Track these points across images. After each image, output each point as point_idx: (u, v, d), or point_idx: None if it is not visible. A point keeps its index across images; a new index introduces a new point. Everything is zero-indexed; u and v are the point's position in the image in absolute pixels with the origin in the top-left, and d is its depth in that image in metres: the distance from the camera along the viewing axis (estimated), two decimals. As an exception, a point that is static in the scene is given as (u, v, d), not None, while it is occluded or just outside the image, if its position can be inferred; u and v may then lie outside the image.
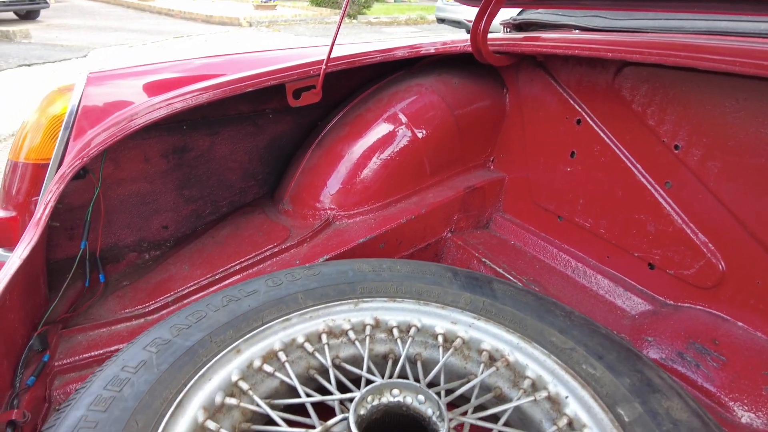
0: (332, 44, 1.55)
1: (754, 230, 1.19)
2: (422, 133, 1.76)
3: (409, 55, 1.77)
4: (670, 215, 1.36)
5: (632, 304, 1.46)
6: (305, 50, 1.81)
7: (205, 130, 1.79)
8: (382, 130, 1.74)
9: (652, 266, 1.44)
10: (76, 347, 1.33)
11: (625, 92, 1.42)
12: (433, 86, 1.82)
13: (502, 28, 2.46)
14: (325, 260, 1.57)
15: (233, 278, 1.55)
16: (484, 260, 1.68)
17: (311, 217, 1.76)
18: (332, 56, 1.56)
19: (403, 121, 1.75)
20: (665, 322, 1.33)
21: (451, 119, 1.80)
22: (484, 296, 1.19)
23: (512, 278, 1.59)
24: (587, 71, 1.52)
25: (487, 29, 1.60)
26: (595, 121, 1.51)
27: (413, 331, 1.15)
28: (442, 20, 13.02)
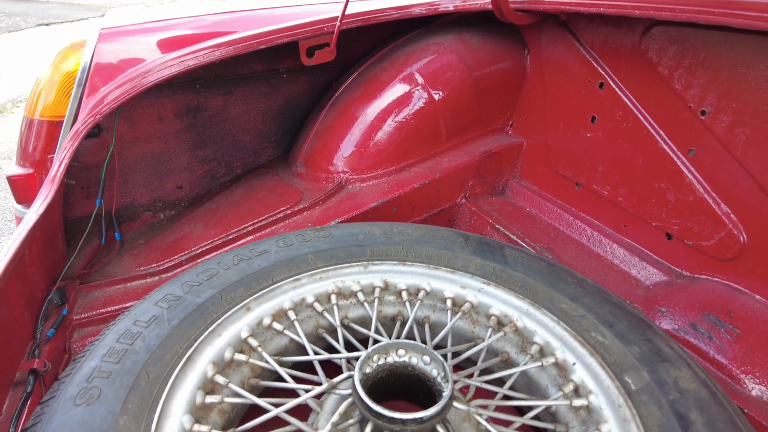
0: (347, 0, 1.50)
1: (779, 201, 1.14)
2: (439, 94, 1.71)
3: (426, 12, 1.71)
4: (691, 184, 1.31)
5: (647, 274, 1.43)
6: (320, 7, 1.76)
7: (218, 89, 1.77)
8: (397, 91, 1.70)
9: (669, 236, 1.40)
10: (93, 302, 1.37)
11: (651, 54, 1.35)
12: (451, 46, 1.75)
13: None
14: (337, 223, 1.57)
15: (246, 239, 1.56)
16: (497, 227, 1.66)
17: (324, 180, 1.75)
18: (347, 13, 1.51)
19: (419, 82, 1.70)
20: (680, 293, 1.30)
21: (469, 81, 1.74)
22: (495, 262, 1.18)
23: (525, 245, 1.57)
24: (613, 32, 1.45)
25: (508, -14, 1.53)
26: (618, 84, 1.45)
27: (422, 294, 1.15)
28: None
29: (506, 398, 0.97)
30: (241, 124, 1.87)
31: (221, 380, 0.90)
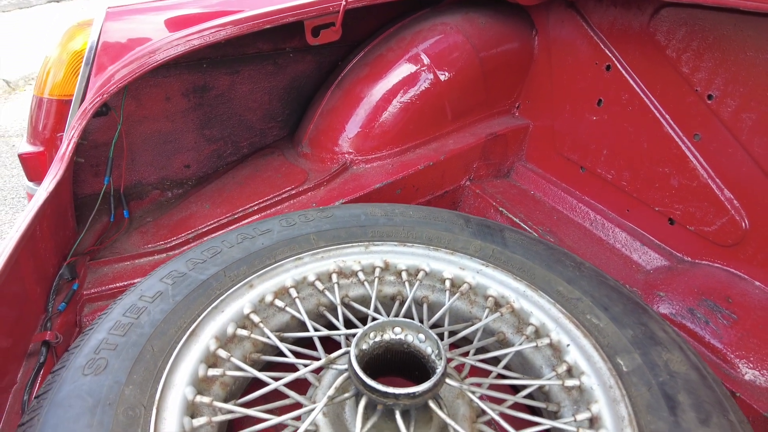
0: (352, -21, 1.49)
1: (783, 187, 1.14)
2: (445, 75, 1.71)
3: (434, -8, 1.69)
4: (695, 169, 1.30)
5: (648, 259, 1.44)
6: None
7: (225, 68, 1.77)
8: (403, 71, 1.70)
9: (672, 221, 1.40)
10: (102, 278, 1.41)
11: (660, 36, 1.33)
12: (458, 25, 1.74)
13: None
14: (340, 204, 1.58)
15: (252, 218, 1.59)
16: (501, 209, 1.67)
17: (329, 160, 1.76)
18: (353, -8, 1.50)
19: (425, 62, 1.70)
20: (680, 278, 1.31)
21: (476, 61, 1.73)
22: (494, 244, 1.19)
23: (528, 228, 1.58)
24: (621, 13, 1.43)
25: (517, -36, 1.51)
26: (625, 67, 1.43)
27: (421, 275, 1.17)
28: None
29: (500, 377, 0.99)
30: (247, 103, 1.88)
31: (223, 354, 0.93)
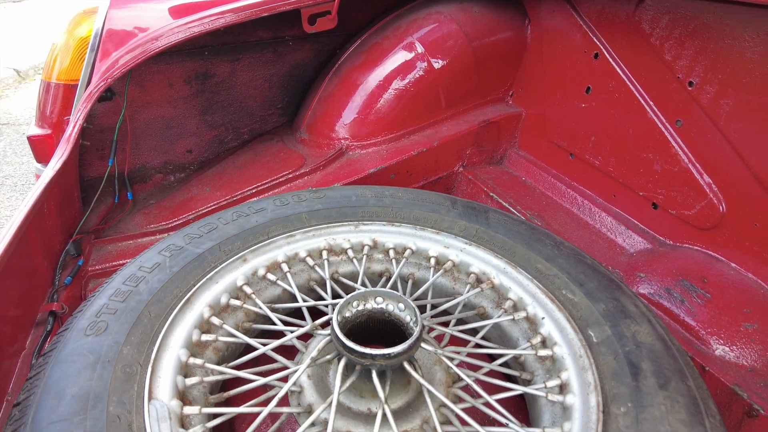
0: (348, -31, 1.53)
1: (757, 171, 1.17)
2: (439, 63, 1.75)
3: (428, -19, 1.73)
4: (677, 154, 1.34)
5: (632, 242, 1.48)
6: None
7: (226, 56, 1.83)
8: (398, 59, 1.74)
9: (655, 206, 1.44)
10: (106, 255, 1.48)
11: (644, 25, 1.36)
12: (452, 15, 1.78)
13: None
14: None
15: (250, 200, 1.64)
16: (491, 195, 1.71)
17: (326, 146, 1.81)
18: (348, -19, 1.55)
19: (419, 50, 1.74)
20: (660, 260, 1.35)
21: (469, 50, 1.77)
22: (478, 224, 1.24)
23: (516, 213, 1.63)
24: (608, 2, 1.46)
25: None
26: (612, 55, 1.47)
27: (408, 253, 1.22)
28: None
29: (478, 347, 1.05)
30: (248, 90, 1.93)
31: (216, 321, 0.99)
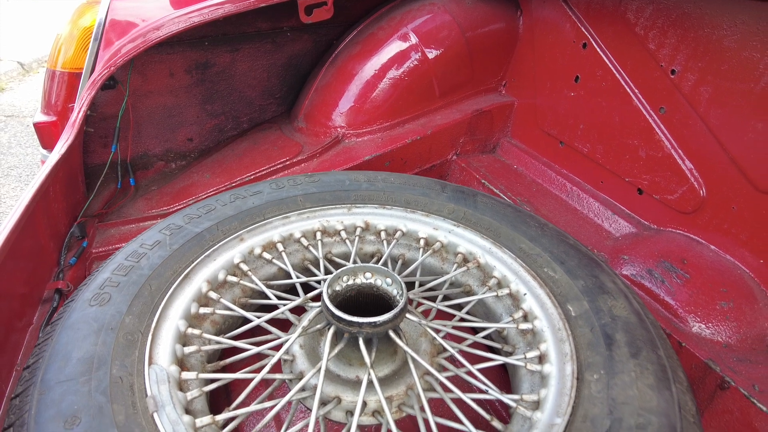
0: (343, -40, 1.57)
1: (735, 156, 1.22)
2: (432, 53, 1.79)
3: (423, -27, 1.77)
4: (661, 141, 1.38)
5: (618, 227, 1.53)
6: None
7: (225, 46, 1.87)
8: (392, 49, 1.78)
9: (640, 191, 1.49)
10: (109, 238, 1.53)
11: (630, 14, 1.40)
12: (446, 6, 1.82)
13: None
14: (331, 173, 1.69)
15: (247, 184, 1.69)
16: (483, 182, 1.76)
17: (323, 134, 1.86)
18: (344, -27, 1.59)
19: (413, 41, 1.78)
20: (644, 243, 1.40)
21: (462, 41, 1.81)
22: (466, 207, 1.29)
23: (506, 199, 1.67)
24: (598, -7, 1.50)
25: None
26: (599, 44, 1.51)
27: (399, 234, 1.27)
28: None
29: (463, 321, 1.10)
30: (247, 80, 1.98)
31: (214, 296, 1.05)
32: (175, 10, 1.58)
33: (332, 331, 0.91)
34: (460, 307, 1.15)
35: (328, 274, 1.20)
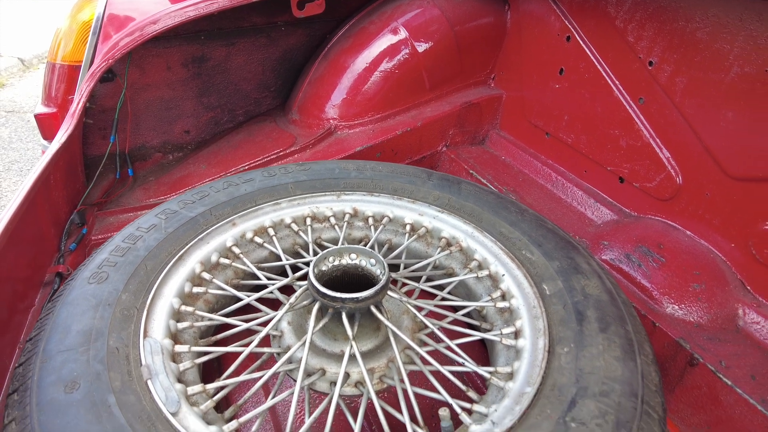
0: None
1: (708, 144, 1.27)
2: (422, 47, 1.84)
3: (413, -32, 1.82)
4: (640, 130, 1.43)
5: (600, 214, 1.58)
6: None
7: (221, 40, 1.92)
8: (383, 43, 1.83)
9: (622, 180, 1.54)
10: (108, 226, 1.58)
11: (610, 8, 1.45)
12: (435, 1, 1.86)
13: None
14: (323, 164, 1.73)
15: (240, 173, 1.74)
16: (471, 172, 1.81)
17: (316, 126, 1.91)
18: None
19: (403, 35, 1.83)
20: (623, 229, 1.45)
21: (450, 35, 1.86)
22: (450, 194, 1.34)
23: (493, 188, 1.72)
24: (580, -13, 1.55)
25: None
26: (582, 37, 1.55)
27: (386, 220, 1.32)
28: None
29: (445, 301, 1.15)
30: (242, 74, 2.03)
31: (207, 276, 1.10)
32: (171, 4, 1.63)
33: (317, 306, 0.96)
34: (443, 288, 1.20)
35: (317, 257, 1.25)
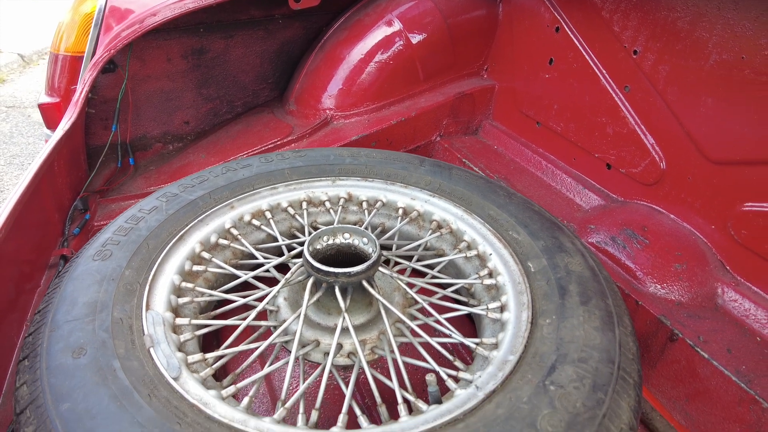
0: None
1: (690, 130, 1.31)
2: (416, 39, 1.88)
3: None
4: (626, 117, 1.48)
5: (588, 200, 1.63)
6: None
7: (220, 33, 1.96)
8: (378, 35, 1.87)
9: (609, 166, 1.58)
10: (110, 212, 1.63)
11: (597, -1, 1.50)
12: (429, -7, 1.91)
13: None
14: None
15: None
16: (464, 161, 1.85)
17: (312, 116, 1.95)
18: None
19: (398, 27, 1.87)
20: (610, 214, 1.49)
21: (443, 27, 1.90)
22: (441, 179, 1.38)
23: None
24: (569, -21, 1.59)
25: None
26: (570, 28, 1.60)
27: (379, 204, 1.37)
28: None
29: (435, 279, 1.20)
30: (241, 65, 2.07)
31: (206, 255, 1.14)
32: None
33: (311, 281, 1.01)
34: (433, 267, 1.25)
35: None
